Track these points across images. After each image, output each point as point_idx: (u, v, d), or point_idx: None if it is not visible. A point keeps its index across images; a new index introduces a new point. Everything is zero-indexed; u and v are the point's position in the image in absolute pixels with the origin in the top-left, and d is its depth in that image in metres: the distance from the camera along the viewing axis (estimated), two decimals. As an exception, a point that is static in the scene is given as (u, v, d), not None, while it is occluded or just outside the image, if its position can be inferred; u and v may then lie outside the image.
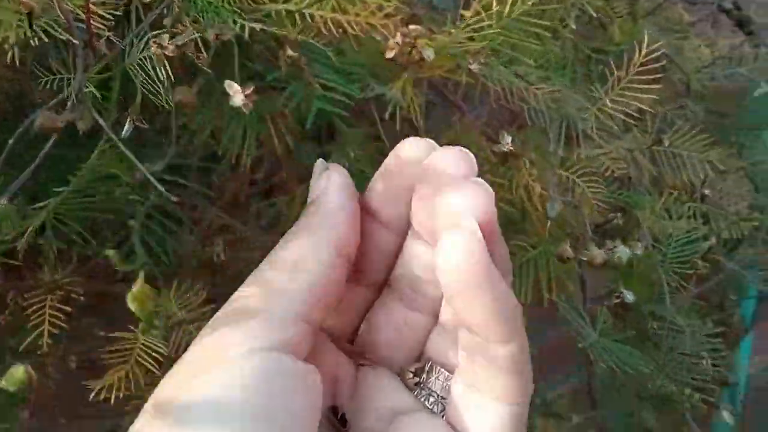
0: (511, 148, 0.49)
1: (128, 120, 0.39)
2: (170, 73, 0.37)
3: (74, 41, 0.37)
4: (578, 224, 0.65)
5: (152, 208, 0.51)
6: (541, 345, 1.16)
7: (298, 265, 0.27)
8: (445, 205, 0.26)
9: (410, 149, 0.29)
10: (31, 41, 0.37)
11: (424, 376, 0.31)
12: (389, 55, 0.43)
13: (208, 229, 0.65)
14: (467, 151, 0.28)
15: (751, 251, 0.85)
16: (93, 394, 0.51)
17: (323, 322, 0.28)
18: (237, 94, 0.36)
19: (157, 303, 0.54)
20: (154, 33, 0.38)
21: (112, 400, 0.52)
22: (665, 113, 0.72)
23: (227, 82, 0.36)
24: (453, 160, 0.27)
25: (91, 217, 0.47)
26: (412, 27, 0.45)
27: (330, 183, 0.29)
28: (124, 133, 0.39)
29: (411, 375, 0.31)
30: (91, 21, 0.36)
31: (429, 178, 0.28)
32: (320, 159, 0.31)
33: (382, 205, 0.30)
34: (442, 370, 0.30)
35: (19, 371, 0.45)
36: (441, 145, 0.30)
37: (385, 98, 0.51)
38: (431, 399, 0.30)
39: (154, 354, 0.50)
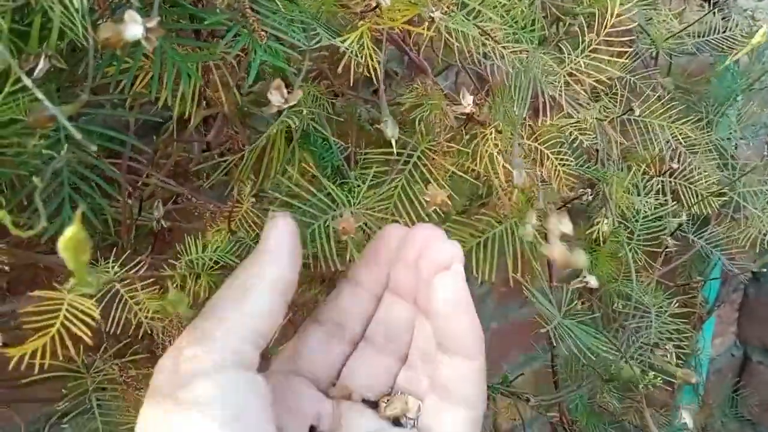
0: (473, 109, 0.46)
1: (42, 58, 0.34)
2: (84, 3, 0.33)
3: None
4: (547, 199, 0.62)
5: (84, 167, 0.46)
6: (505, 324, 1.15)
7: (240, 298, 0.34)
8: (435, 254, 0.36)
9: (391, 230, 0.40)
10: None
11: (394, 405, 0.38)
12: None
13: (151, 196, 0.60)
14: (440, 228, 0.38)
15: (719, 229, 0.84)
16: (12, 364, 0.45)
17: (269, 338, 0.34)
18: (135, 25, 0.31)
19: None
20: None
21: (36, 368, 0.47)
22: (634, 83, 0.69)
23: (127, 12, 0.31)
24: (431, 228, 0.38)
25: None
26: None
27: (273, 229, 0.36)
28: (36, 72, 0.34)
29: (383, 406, 0.38)
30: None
31: (410, 244, 0.38)
32: (270, 212, 0.38)
33: (365, 274, 0.40)
34: (410, 397, 0.38)
35: None
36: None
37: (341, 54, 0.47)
38: (403, 421, 0.38)
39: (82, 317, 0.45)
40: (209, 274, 0.49)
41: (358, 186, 0.49)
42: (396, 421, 0.38)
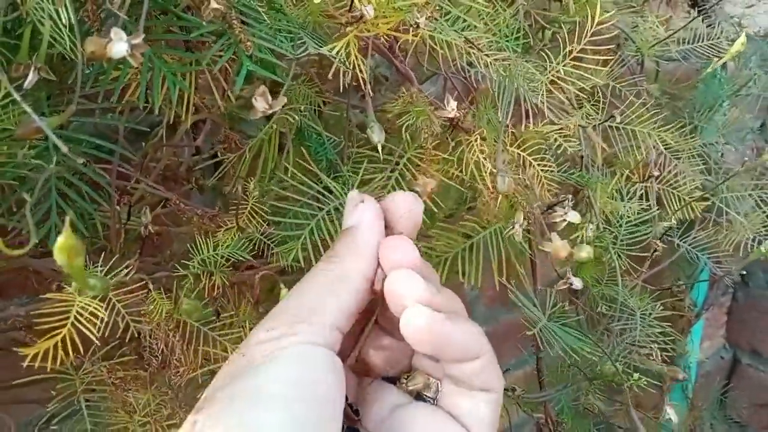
0: (457, 114, 0.47)
1: (32, 69, 0.35)
2: (72, 18, 0.34)
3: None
4: (530, 204, 0.63)
5: (73, 175, 0.47)
6: (496, 327, 1.15)
7: (336, 287, 0.35)
8: (394, 292, 0.35)
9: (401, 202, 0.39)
10: None
11: (415, 381, 0.39)
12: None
13: (140, 200, 0.61)
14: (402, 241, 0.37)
15: (703, 234, 0.85)
16: (27, 362, 0.46)
17: (347, 330, 0.36)
18: (121, 42, 0.32)
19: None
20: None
21: (48, 366, 0.48)
22: (619, 90, 0.70)
23: (113, 29, 0.32)
24: (395, 247, 0.37)
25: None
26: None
27: (364, 218, 0.37)
28: (26, 84, 0.35)
29: (404, 382, 0.39)
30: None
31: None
32: (354, 191, 0.38)
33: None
34: (429, 376, 0.39)
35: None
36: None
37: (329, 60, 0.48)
38: (423, 398, 0.39)
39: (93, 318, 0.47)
40: (221, 271, 0.51)
41: (353, 179, 0.51)
42: (418, 396, 0.39)
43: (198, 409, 0.31)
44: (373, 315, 0.42)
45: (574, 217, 0.52)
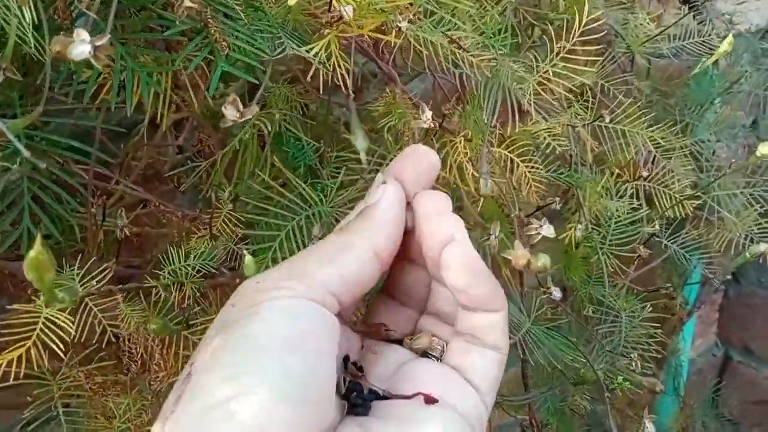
0: (432, 125, 0.46)
1: (-3, 70, 0.33)
2: (37, 17, 0.32)
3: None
4: (517, 206, 0.62)
5: (47, 176, 0.46)
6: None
7: (338, 255, 0.35)
8: (436, 234, 0.36)
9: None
10: None
11: (420, 340, 0.40)
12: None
13: (119, 201, 0.60)
14: (444, 195, 0.38)
15: (695, 233, 0.84)
16: None
17: (350, 302, 0.35)
18: (83, 44, 0.30)
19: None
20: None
21: (23, 372, 0.47)
22: (609, 89, 0.70)
23: (76, 30, 0.30)
24: (431, 200, 0.38)
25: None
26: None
27: (384, 196, 0.37)
28: (-10, 84, 0.33)
29: (409, 341, 0.40)
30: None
31: (412, 213, 0.38)
32: (380, 173, 0.39)
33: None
34: (434, 337, 0.40)
35: None
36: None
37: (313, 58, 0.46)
38: (428, 356, 0.40)
39: (58, 331, 0.46)
40: (192, 281, 0.50)
41: (330, 186, 0.50)
42: (423, 354, 0.40)
43: (193, 357, 0.32)
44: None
45: (548, 231, 0.52)
